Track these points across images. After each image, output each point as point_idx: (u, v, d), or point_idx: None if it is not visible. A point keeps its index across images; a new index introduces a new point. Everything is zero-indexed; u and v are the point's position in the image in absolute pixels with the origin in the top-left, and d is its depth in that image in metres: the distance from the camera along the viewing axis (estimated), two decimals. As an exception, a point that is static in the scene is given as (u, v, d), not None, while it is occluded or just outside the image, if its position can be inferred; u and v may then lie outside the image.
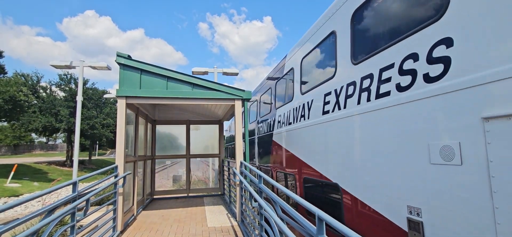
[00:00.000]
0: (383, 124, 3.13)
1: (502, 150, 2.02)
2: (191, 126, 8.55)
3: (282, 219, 2.59)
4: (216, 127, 8.75)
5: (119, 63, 5.11)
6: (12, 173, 18.32)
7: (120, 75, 5.11)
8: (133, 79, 5.17)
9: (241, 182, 4.94)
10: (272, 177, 6.89)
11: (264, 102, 8.19)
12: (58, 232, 2.95)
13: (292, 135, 5.71)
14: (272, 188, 5.41)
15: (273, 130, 6.96)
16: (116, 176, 4.77)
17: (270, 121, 7.27)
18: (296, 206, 5.15)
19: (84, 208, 3.59)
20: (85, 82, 31.42)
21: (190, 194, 8.26)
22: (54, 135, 41.52)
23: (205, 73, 11.74)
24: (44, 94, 29.88)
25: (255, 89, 9.71)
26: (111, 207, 4.74)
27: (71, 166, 27.70)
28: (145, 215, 6.09)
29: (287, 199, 5.84)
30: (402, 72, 2.90)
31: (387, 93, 3.07)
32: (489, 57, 2.15)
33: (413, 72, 2.77)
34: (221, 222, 5.43)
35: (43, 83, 29.83)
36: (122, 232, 4.81)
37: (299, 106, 5.36)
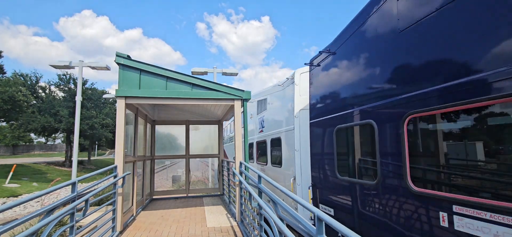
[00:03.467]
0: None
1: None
2: (191, 126, 8.54)
3: (281, 219, 2.60)
4: (216, 127, 8.75)
5: (118, 63, 5.10)
6: (11, 173, 18.28)
7: (119, 76, 5.10)
8: (132, 79, 5.16)
9: (240, 182, 4.94)
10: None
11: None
12: (58, 233, 2.94)
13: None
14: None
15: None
16: (115, 176, 4.76)
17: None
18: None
19: (84, 208, 3.58)
20: (84, 83, 31.38)
21: (189, 194, 8.25)
22: (53, 135, 41.45)
23: (205, 73, 11.74)
24: (43, 94, 29.84)
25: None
26: (110, 207, 4.73)
27: (70, 166, 27.66)
28: (145, 215, 6.08)
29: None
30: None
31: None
32: None
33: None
34: (220, 222, 5.43)
35: (42, 84, 29.81)
36: (121, 232, 4.80)
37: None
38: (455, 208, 2.39)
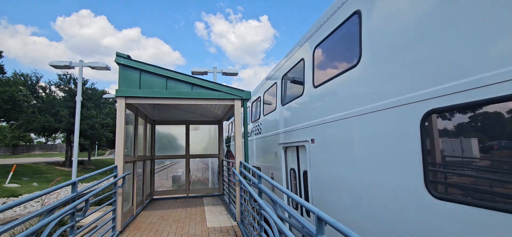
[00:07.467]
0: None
1: None
2: (191, 126, 8.54)
3: (281, 219, 2.60)
4: (216, 127, 8.75)
5: (118, 63, 5.10)
6: (11, 173, 18.28)
7: (119, 75, 5.10)
8: (132, 79, 5.16)
9: (240, 182, 4.94)
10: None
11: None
12: (58, 232, 2.94)
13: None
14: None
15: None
16: (115, 176, 4.76)
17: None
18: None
19: (84, 208, 3.58)
20: (84, 83, 31.38)
21: (189, 194, 8.25)
22: (53, 135, 41.48)
23: (205, 73, 11.73)
24: (43, 94, 29.85)
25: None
26: (110, 207, 4.74)
27: (70, 166, 27.65)
28: (145, 215, 6.09)
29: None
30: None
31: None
32: None
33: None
34: (220, 222, 5.43)
35: (42, 83, 29.81)
36: (121, 232, 4.81)
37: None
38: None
